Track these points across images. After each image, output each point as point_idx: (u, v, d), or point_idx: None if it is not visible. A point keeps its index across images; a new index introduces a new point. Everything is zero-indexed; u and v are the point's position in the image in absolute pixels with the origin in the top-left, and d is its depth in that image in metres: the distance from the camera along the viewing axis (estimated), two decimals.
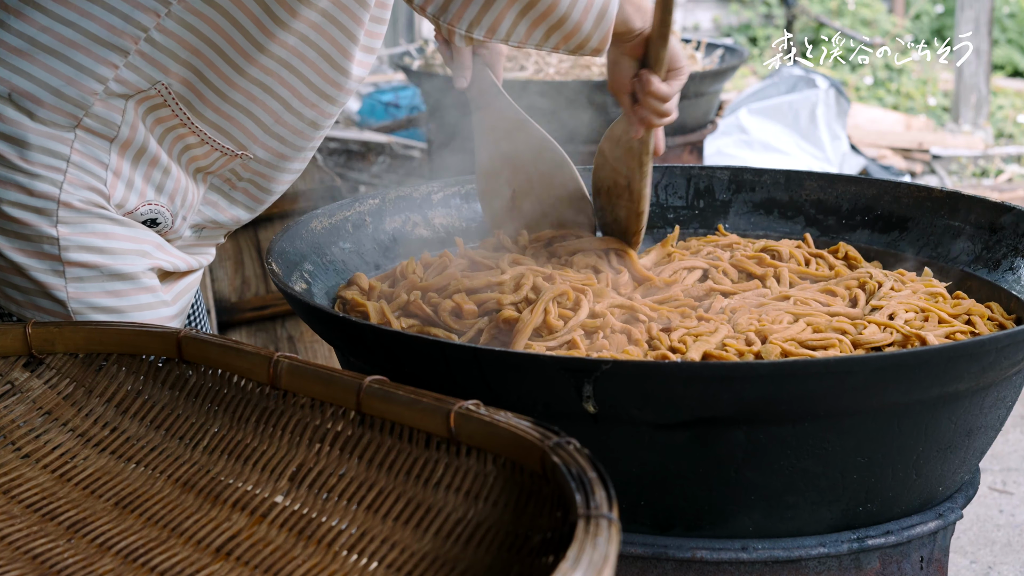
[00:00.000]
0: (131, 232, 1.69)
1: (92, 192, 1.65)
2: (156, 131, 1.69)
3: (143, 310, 1.71)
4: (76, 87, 1.61)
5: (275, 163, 1.81)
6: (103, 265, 1.66)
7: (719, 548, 1.53)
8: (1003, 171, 7.30)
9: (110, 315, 1.68)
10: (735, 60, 4.53)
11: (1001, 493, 3.63)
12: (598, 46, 1.69)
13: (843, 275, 1.94)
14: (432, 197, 2.17)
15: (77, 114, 1.62)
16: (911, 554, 1.61)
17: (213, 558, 1.23)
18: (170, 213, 1.74)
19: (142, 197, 1.70)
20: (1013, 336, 1.49)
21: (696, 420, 1.46)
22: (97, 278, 1.67)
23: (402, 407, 1.29)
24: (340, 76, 1.76)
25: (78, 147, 1.63)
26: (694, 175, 2.27)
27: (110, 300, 1.68)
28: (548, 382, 1.46)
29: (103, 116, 1.63)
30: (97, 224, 1.66)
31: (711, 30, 11.04)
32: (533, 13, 1.62)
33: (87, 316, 1.67)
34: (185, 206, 1.76)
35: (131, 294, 1.69)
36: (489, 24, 1.61)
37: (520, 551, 1.14)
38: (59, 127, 1.62)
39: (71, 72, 1.61)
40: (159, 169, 1.70)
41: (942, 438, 1.56)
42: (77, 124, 1.62)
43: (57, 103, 1.61)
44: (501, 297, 1.77)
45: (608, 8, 1.67)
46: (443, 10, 1.62)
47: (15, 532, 1.29)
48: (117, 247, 1.67)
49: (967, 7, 8.01)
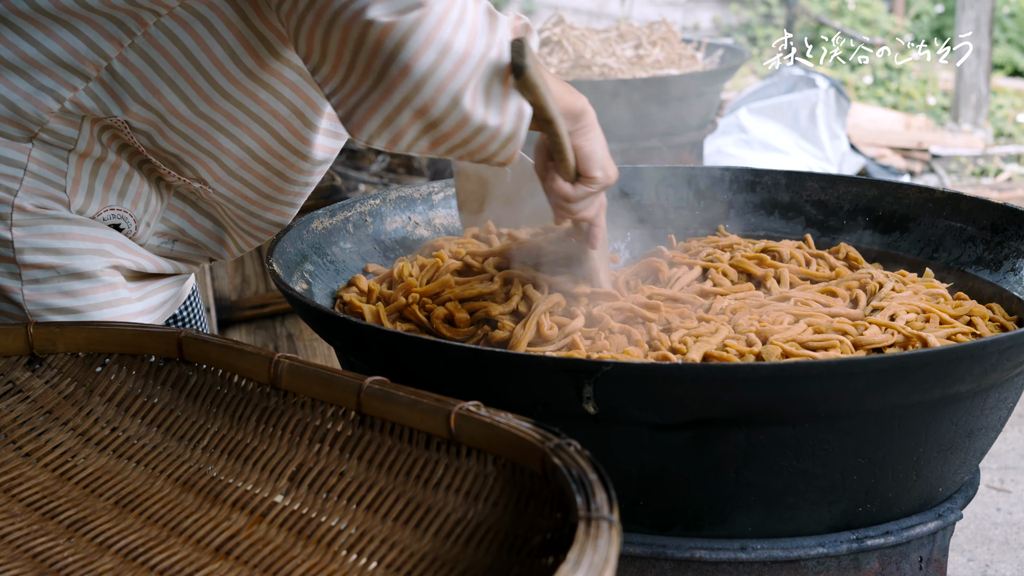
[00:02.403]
0: (89, 231, 1.68)
1: (49, 199, 1.64)
2: (114, 145, 1.68)
3: (101, 308, 1.70)
4: (32, 103, 1.60)
5: (240, 203, 1.79)
6: (60, 265, 1.66)
7: (718, 548, 1.53)
8: (1003, 170, 7.30)
9: (67, 316, 1.68)
10: (735, 60, 4.53)
11: (999, 491, 3.63)
12: (504, 161, 1.59)
13: (844, 276, 1.93)
14: (433, 197, 2.17)
15: (32, 128, 1.62)
16: (910, 554, 1.61)
17: (213, 557, 1.23)
18: (133, 218, 1.73)
19: (103, 203, 1.69)
20: (1015, 338, 1.49)
21: (696, 421, 1.46)
22: (54, 278, 1.66)
23: (402, 408, 1.29)
24: (309, 132, 1.75)
25: (36, 155, 1.63)
26: (694, 175, 2.27)
27: (66, 300, 1.67)
28: (548, 383, 1.46)
29: (59, 131, 1.63)
30: (52, 225, 1.65)
31: (711, 30, 11.04)
32: (436, 133, 1.51)
33: (44, 318, 1.66)
34: (148, 212, 1.74)
35: (88, 293, 1.68)
36: (390, 137, 1.51)
37: (520, 552, 1.14)
38: (14, 138, 1.62)
39: (29, 89, 1.60)
40: (120, 175, 1.69)
41: (943, 439, 1.56)
42: (33, 136, 1.62)
43: (12, 116, 1.61)
44: (491, 307, 1.78)
45: (518, 131, 1.54)
46: (347, 118, 1.52)
47: (15, 531, 1.29)
48: (74, 247, 1.66)
49: (967, 7, 8.01)
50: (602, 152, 1.70)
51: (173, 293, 1.87)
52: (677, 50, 4.39)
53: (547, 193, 1.75)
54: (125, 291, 1.73)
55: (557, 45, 4.30)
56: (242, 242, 1.88)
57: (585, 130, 1.68)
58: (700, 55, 4.49)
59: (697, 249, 2.06)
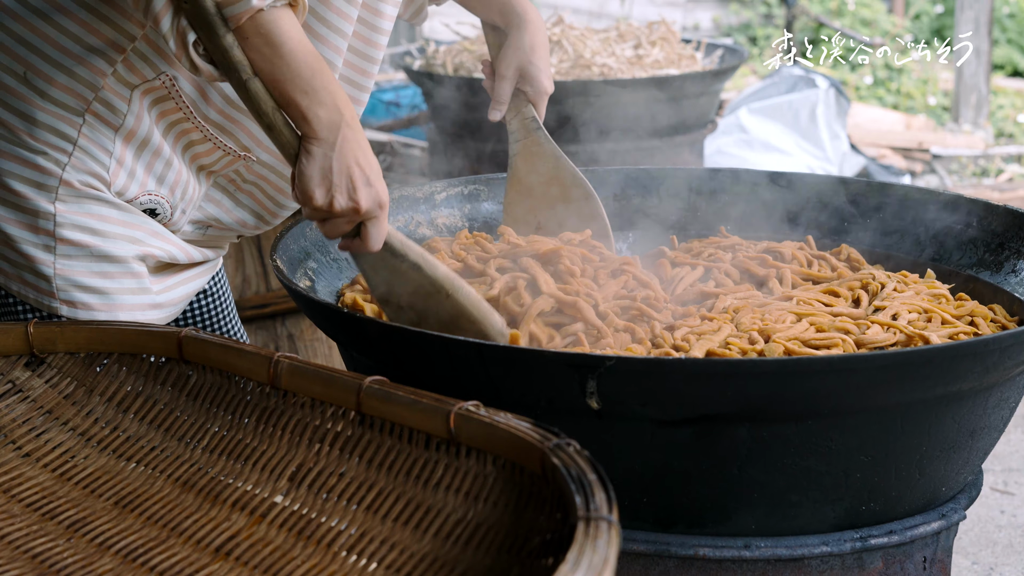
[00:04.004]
0: (126, 217, 1.72)
1: (93, 177, 1.68)
2: (161, 124, 1.71)
3: (126, 294, 1.72)
4: (86, 67, 1.64)
5: (281, 170, 1.83)
6: (93, 246, 1.69)
7: (721, 546, 1.53)
8: (1003, 171, 7.30)
9: (94, 296, 1.70)
10: (735, 60, 4.52)
11: (1003, 494, 3.62)
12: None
13: (846, 276, 1.93)
14: (435, 197, 2.17)
15: (87, 96, 1.65)
16: (914, 554, 1.61)
17: (212, 558, 1.23)
18: (169, 205, 1.76)
19: (143, 187, 1.72)
20: (1016, 336, 1.49)
21: (699, 417, 1.45)
22: (85, 257, 1.69)
23: (402, 407, 1.29)
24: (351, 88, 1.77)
25: (86, 132, 1.67)
26: (695, 176, 2.27)
27: (94, 280, 1.70)
28: (552, 378, 1.46)
29: (110, 102, 1.66)
30: (93, 206, 1.69)
31: (711, 30, 11.04)
32: None
33: (70, 294, 1.69)
34: (185, 199, 1.78)
35: (116, 276, 1.71)
36: None
37: (520, 553, 1.13)
38: (69, 110, 1.65)
39: (81, 52, 1.64)
40: (161, 161, 1.72)
41: (945, 438, 1.56)
42: (86, 108, 1.66)
43: (68, 83, 1.65)
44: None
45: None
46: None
47: (15, 531, 1.29)
48: (109, 230, 1.70)
49: (967, 7, 8.00)
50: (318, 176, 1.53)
51: (196, 287, 1.89)
52: (677, 50, 4.39)
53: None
54: (148, 282, 1.76)
55: (557, 45, 4.30)
56: (271, 216, 1.91)
57: (313, 144, 1.53)
58: (700, 55, 4.49)
59: (699, 250, 2.06)
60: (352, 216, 1.55)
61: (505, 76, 2.00)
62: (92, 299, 1.70)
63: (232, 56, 1.47)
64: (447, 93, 4.14)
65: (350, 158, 1.52)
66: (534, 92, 2.03)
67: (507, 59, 2.00)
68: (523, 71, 2.00)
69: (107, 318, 1.70)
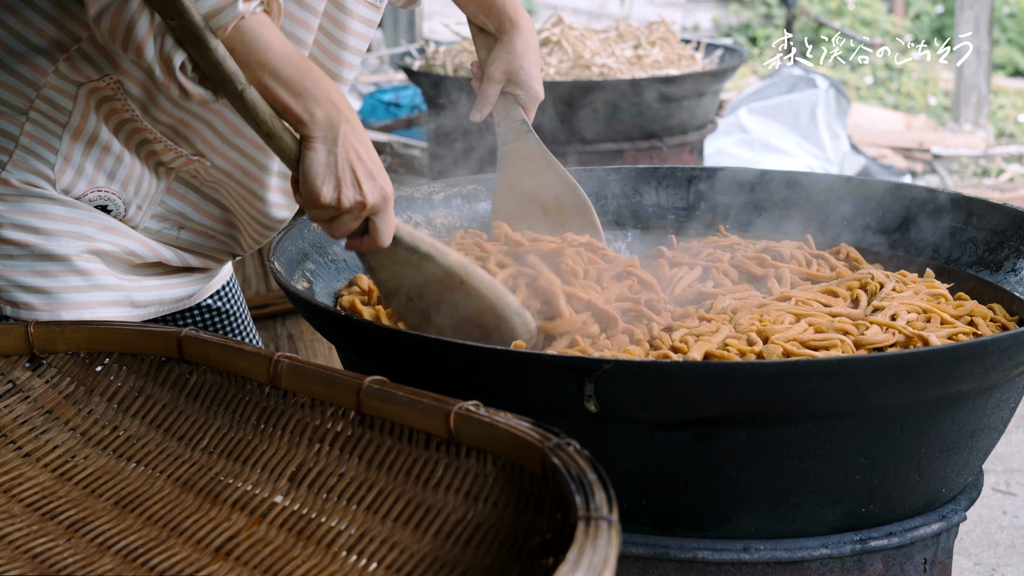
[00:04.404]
0: (73, 213, 1.68)
1: (36, 175, 1.65)
2: (111, 122, 1.68)
3: (71, 292, 1.69)
4: (28, 65, 1.61)
5: (240, 178, 1.79)
6: (34, 244, 1.66)
7: (721, 549, 1.52)
8: (1004, 170, 7.30)
9: (38, 296, 1.67)
10: (735, 60, 4.52)
11: (1004, 494, 3.62)
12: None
13: (845, 276, 1.93)
14: (434, 197, 2.17)
15: (28, 94, 1.63)
16: (914, 556, 1.61)
17: (213, 558, 1.23)
18: (122, 201, 1.73)
19: (91, 183, 1.69)
20: (1016, 337, 1.49)
21: (698, 420, 1.45)
22: (27, 257, 1.66)
23: (402, 407, 1.29)
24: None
25: (29, 130, 1.64)
26: (695, 176, 2.27)
27: (36, 280, 1.67)
28: (550, 381, 1.46)
29: (54, 100, 1.63)
30: (35, 204, 1.66)
31: (711, 30, 11.04)
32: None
33: (13, 295, 1.67)
34: (140, 195, 1.74)
35: (58, 275, 1.68)
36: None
37: (520, 553, 1.13)
38: (11, 108, 1.63)
39: (23, 51, 1.61)
40: (111, 157, 1.69)
41: (945, 439, 1.56)
42: (29, 106, 1.63)
43: (9, 81, 1.62)
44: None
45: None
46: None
47: (15, 531, 1.29)
48: (53, 228, 1.67)
49: (967, 7, 8.00)
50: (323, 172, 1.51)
51: (180, 293, 1.87)
52: (676, 50, 4.39)
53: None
54: (106, 278, 1.72)
55: (556, 45, 4.30)
56: (254, 232, 1.88)
57: (314, 142, 1.51)
58: (699, 55, 4.49)
59: (698, 249, 2.06)
60: (359, 211, 1.53)
61: (493, 78, 1.99)
62: (34, 299, 1.67)
63: (226, 68, 1.45)
64: (447, 94, 4.14)
65: (352, 153, 1.51)
66: (525, 96, 2.02)
67: (497, 62, 1.98)
68: (514, 75, 1.99)
69: (49, 318, 1.67)
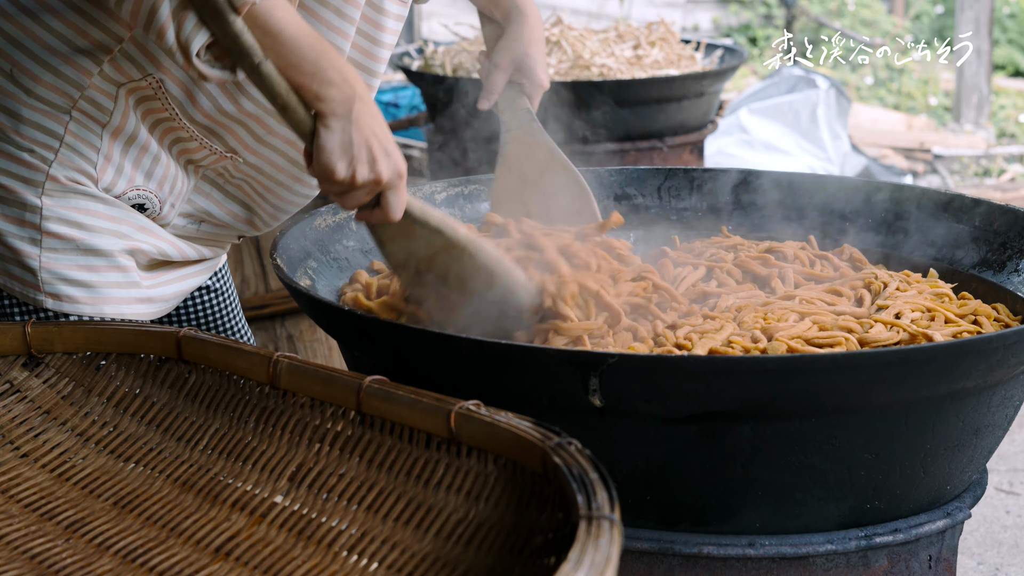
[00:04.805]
0: (113, 212, 1.72)
1: (80, 173, 1.69)
2: (147, 121, 1.71)
3: (112, 287, 1.73)
4: (72, 66, 1.65)
5: (268, 171, 1.83)
6: (79, 239, 1.70)
7: (726, 544, 1.52)
8: (1005, 170, 7.29)
9: (79, 288, 1.71)
10: (735, 60, 4.52)
11: (1008, 494, 3.61)
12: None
13: (848, 276, 1.93)
14: (435, 197, 2.17)
15: (73, 94, 1.66)
16: (919, 552, 1.60)
17: (212, 558, 1.23)
18: (158, 199, 1.77)
19: (131, 182, 1.73)
20: (1020, 334, 1.48)
21: (703, 414, 1.45)
22: (71, 251, 1.70)
23: (402, 407, 1.28)
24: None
25: (73, 129, 1.67)
26: (697, 177, 2.26)
27: (80, 273, 1.71)
28: (554, 376, 1.45)
29: (97, 100, 1.67)
30: (80, 200, 1.70)
31: (711, 30, 11.04)
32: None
33: (55, 287, 1.70)
34: (174, 194, 1.79)
35: (102, 270, 1.72)
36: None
37: (521, 552, 1.13)
38: (55, 107, 1.66)
39: (68, 52, 1.65)
40: (149, 156, 1.73)
41: (950, 436, 1.55)
42: (73, 106, 1.66)
43: (55, 81, 1.65)
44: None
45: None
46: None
47: (13, 532, 1.29)
48: (95, 224, 1.71)
49: (967, 7, 8.00)
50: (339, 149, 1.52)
51: (191, 285, 1.89)
52: (676, 50, 4.38)
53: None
54: (137, 276, 1.76)
55: (556, 45, 4.29)
56: (268, 216, 1.91)
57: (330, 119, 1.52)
58: (699, 55, 4.48)
59: (701, 250, 2.05)
60: (373, 187, 1.55)
61: (500, 66, 2.01)
62: (77, 292, 1.71)
63: (244, 41, 1.47)
64: (446, 94, 4.14)
65: (367, 130, 1.52)
66: (530, 85, 2.04)
67: (504, 50, 2.01)
68: (519, 64, 2.02)
69: (92, 311, 1.71)
